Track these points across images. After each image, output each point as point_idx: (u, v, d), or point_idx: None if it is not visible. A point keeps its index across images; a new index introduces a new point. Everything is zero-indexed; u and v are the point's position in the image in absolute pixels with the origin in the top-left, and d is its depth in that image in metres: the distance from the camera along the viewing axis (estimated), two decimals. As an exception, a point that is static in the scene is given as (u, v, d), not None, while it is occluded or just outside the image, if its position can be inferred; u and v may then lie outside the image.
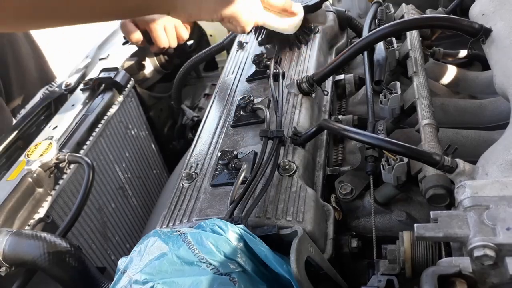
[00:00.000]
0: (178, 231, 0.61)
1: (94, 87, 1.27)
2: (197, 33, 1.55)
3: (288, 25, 1.01)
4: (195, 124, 1.42)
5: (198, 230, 0.61)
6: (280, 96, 0.88)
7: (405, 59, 0.97)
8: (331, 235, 0.72)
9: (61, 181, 1.03)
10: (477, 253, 0.47)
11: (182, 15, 0.89)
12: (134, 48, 1.41)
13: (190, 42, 1.57)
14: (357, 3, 1.58)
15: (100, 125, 1.18)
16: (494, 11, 0.81)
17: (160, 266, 0.56)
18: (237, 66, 1.12)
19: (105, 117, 1.21)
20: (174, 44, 1.34)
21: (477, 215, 0.50)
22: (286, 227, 0.64)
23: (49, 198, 0.99)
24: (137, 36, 1.30)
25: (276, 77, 0.95)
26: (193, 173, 0.82)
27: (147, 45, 1.36)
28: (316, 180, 0.82)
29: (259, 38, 1.13)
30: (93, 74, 1.33)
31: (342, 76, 1.06)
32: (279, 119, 0.82)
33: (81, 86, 1.28)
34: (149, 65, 1.49)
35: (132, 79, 1.34)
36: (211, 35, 1.53)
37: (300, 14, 1.02)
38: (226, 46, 1.33)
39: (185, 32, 1.36)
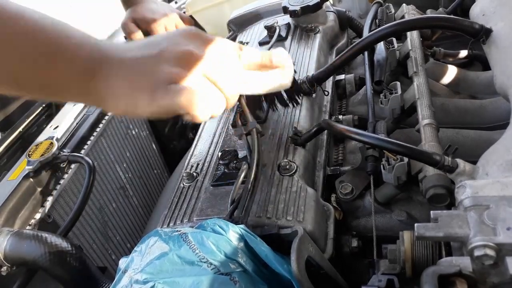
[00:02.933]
0: (179, 231, 0.61)
1: (95, 87, 1.27)
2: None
3: (275, 82, 0.72)
4: (196, 124, 1.42)
5: (199, 230, 0.61)
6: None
7: (405, 59, 0.97)
8: (332, 235, 0.72)
9: (62, 181, 1.03)
10: (477, 252, 0.47)
11: (115, 110, 0.59)
12: (134, 48, 1.41)
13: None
14: (357, 3, 1.58)
15: (101, 125, 1.19)
16: (494, 11, 0.81)
17: (161, 266, 0.56)
18: (237, 66, 1.12)
19: (106, 117, 1.21)
20: None
21: (478, 215, 0.50)
22: (286, 227, 0.64)
23: (50, 198, 0.99)
24: (139, 36, 1.30)
25: None
26: (194, 173, 0.82)
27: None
28: (317, 180, 0.82)
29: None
30: (94, 74, 1.33)
31: (342, 76, 1.06)
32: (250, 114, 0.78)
33: (82, 86, 1.28)
34: (150, 65, 1.48)
35: (133, 79, 1.34)
36: (211, 35, 1.53)
37: (287, 62, 0.72)
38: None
39: None
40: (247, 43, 1.21)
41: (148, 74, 0.56)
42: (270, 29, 1.15)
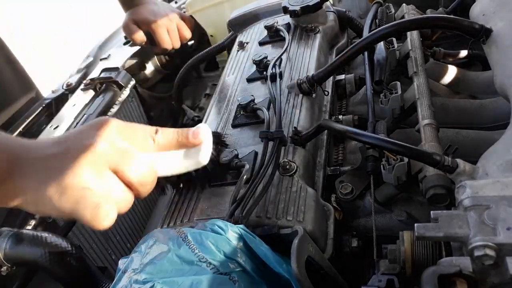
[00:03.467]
0: (178, 231, 0.61)
1: (95, 87, 1.27)
2: (198, 33, 1.55)
3: (193, 160, 0.66)
4: (196, 124, 1.42)
5: (198, 229, 0.61)
6: (278, 96, 0.88)
7: (405, 59, 0.97)
8: (332, 235, 0.72)
9: (62, 181, 1.03)
10: (477, 252, 0.47)
11: (26, 206, 0.59)
12: (135, 48, 1.41)
13: (191, 42, 1.57)
14: (357, 3, 1.58)
15: (101, 125, 1.18)
16: (494, 11, 0.81)
17: (160, 266, 0.56)
18: (237, 66, 1.12)
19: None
20: (177, 45, 1.34)
21: (478, 215, 0.50)
22: (286, 227, 0.64)
23: (50, 198, 0.99)
24: (140, 36, 1.30)
25: (274, 77, 0.95)
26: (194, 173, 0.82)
27: (149, 45, 1.36)
28: (317, 180, 0.82)
29: None
30: (94, 74, 1.34)
31: (342, 76, 1.06)
32: (278, 120, 0.82)
33: (82, 86, 1.28)
34: (150, 65, 1.49)
35: (133, 79, 1.34)
36: (212, 35, 1.53)
37: (206, 139, 0.67)
38: (226, 46, 1.33)
39: (187, 32, 1.36)
40: (247, 43, 1.21)
41: (53, 173, 0.54)
42: (270, 29, 1.15)
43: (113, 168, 0.56)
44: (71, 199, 0.52)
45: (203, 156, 0.65)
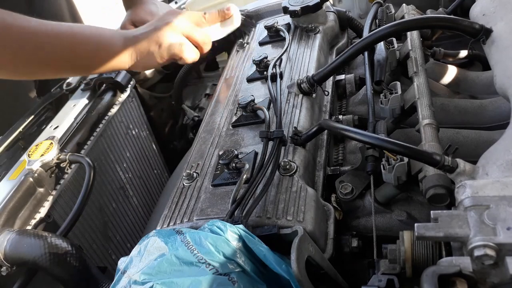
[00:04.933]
0: (177, 232, 0.61)
1: (95, 87, 1.27)
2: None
3: (231, 26, 1.12)
4: (196, 124, 1.42)
5: (197, 230, 0.61)
6: (279, 96, 0.88)
7: (405, 59, 0.97)
8: (332, 235, 0.72)
9: (62, 181, 1.03)
10: (477, 252, 0.47)
11: (137, 67, 1.01)
12: (135, 48, 1.41)
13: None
14: (357, 3, 1.58)
15: (101, 125, 1.19)
16: (494, 11, 0.81)
17: (159, 267, 0.56)
18: (237, 66, 1.13)
19: (106, 117, 1.21)
20: None
21: (478, 214, 0.50)
22: (286, 227, 0.64)
23: (50, 198, 0.99)
24: None
25: (274, 77, 0.95)
26: (194, 173, 0.82)
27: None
28: (317, 180, 0.82)
29: None
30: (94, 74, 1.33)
31: (342, 76, 1.06)
32: (278, 119, 0.83)
33: (82, 86, 1.28)
34: (150, 65, 1.48)
35: (133, 79, 1.34)
36: (211, 35, 1.53)
37: (236, 13, 1.11)
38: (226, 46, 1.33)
39: None
40: (247, 43, 1.21)
41: (153, 40, 0.97)
42: (270, 29, 1.15)
43: (185, 34, 1.00)
44: (165, 48, 0.97)
45: (236, 22, 1.12)
